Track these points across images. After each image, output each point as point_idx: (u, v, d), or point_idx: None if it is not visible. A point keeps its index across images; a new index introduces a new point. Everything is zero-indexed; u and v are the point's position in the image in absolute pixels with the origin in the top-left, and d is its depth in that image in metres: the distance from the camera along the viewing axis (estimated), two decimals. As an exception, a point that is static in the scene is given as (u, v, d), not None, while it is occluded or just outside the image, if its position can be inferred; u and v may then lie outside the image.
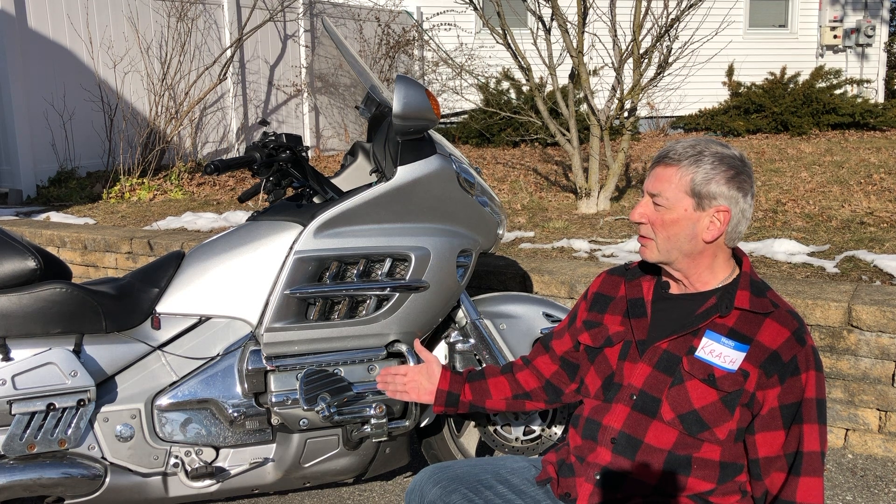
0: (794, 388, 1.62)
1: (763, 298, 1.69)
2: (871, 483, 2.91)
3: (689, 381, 1.66)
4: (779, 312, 1.67)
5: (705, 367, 1.65)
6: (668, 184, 1.69)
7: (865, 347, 3.09)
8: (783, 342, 1.63)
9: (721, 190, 1.67)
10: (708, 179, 1.66)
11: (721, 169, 1.67)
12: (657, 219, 1.71)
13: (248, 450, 2.49)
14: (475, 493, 1.78)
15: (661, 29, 5.49)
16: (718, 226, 1.68)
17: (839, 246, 4.24)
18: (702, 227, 1.68)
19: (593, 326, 1.87)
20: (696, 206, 1.68)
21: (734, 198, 1.67)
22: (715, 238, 1.69)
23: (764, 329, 1.65)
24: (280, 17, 9.77)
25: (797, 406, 1.62)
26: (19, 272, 2.27)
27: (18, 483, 2.23)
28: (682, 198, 1.68)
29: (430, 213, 2.59)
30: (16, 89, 7.19)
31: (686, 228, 1.69)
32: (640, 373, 1.72)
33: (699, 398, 1.64)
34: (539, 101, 6.01)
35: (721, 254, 1.73)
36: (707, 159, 1.67)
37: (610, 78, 7.08)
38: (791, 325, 1.65)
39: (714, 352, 1.66)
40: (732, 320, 1.68)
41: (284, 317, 2.45)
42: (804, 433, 1.61)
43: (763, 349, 1.63)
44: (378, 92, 2.80)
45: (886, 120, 10.85)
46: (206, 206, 6.56)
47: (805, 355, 1.63)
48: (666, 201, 1.69)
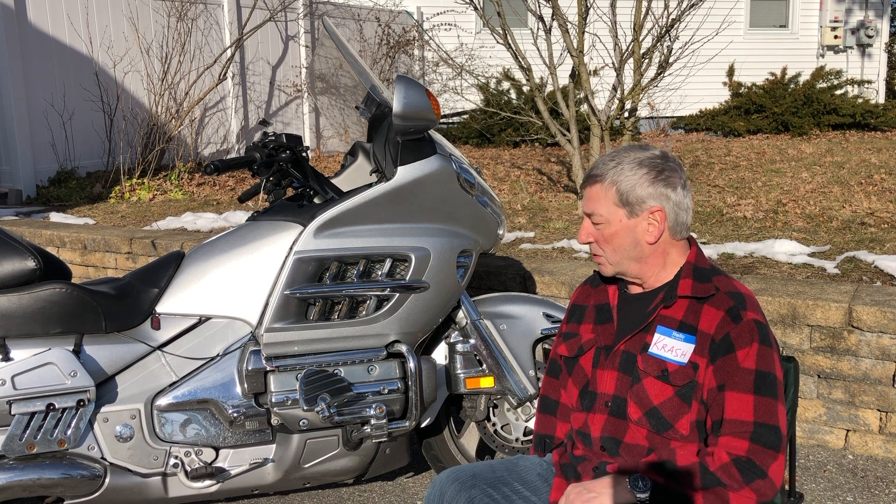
0: (727, 365, 1.63)
1: (706, 283, 1.72)
2: (872, 484, 2.91)
3: (645, 379, 1.70)
4: (718, 295, 1.69)
5: (659, 363, 1.69)
6: (598, 201, 1.76)
7: (866, 348, 3.08)
8: (718, 324, 1.66)
9: (647, 192, 1.72)
10: (632, 186, 1.72)
11: (642, 172, 1.72)
12: (599, 236, 1.78)
13: (247, 450, 2.49)
14: (494, 489, 1.81)
15: (662, 29, 5.49)
16: (657, 226, 1.73)
17: (840, 246, 4.23)
18: (641, 232, 1.74)
19: (570, 337, 1.91)
20: (629, 215, 1.74)
21: (663, 195, 1.72)
22: (657, 238, 1.74)
23: (703, 316, 1.69)
24: (281, 18, 9.77)
25: (726, 377, 1.63)
26: (19, 272, 2.27)
27: (18, 483, 2.22)
28: (615, 210, 1.74)
29: (430, 213, 2.58)
30: (16, 89, 7.19)
31: (627, 237, 1.75)
32: (609, 378, 1.77)
33: (656, 395, 1.68)
34: (539, 101, 6.01)
35: (672, 249, 1.77)
36: (626, 167, 1.73)
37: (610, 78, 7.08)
38: (726, 305, 1.67)
39: (666, 346, 1.70)
40: (681, 312, 1.72)
41: (284, 317, 2.45)
42: (726, 401, 1.61)
43: (705, 336, 1.67)
44: (378, 92, 2.79)
45: (887, 120, 10.84)
46: (206, 207, 6.56)
47: (740, 331, 1.64)
48: (601, 218, 1.76)
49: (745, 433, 1.58)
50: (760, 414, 1.59)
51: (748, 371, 1.61)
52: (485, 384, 2.69)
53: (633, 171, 1.73)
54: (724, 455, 1.58)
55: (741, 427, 1.59)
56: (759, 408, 1.59)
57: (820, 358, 3.18)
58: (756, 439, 1.57)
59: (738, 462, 1.57)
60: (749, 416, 1.59)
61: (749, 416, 1.59)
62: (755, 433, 1.58)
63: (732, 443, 1.59)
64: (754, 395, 1.60)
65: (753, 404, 1.59)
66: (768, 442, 1.57)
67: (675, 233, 1.76)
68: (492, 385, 2.69)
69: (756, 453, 1.57)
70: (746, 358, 1.62)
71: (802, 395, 3.23)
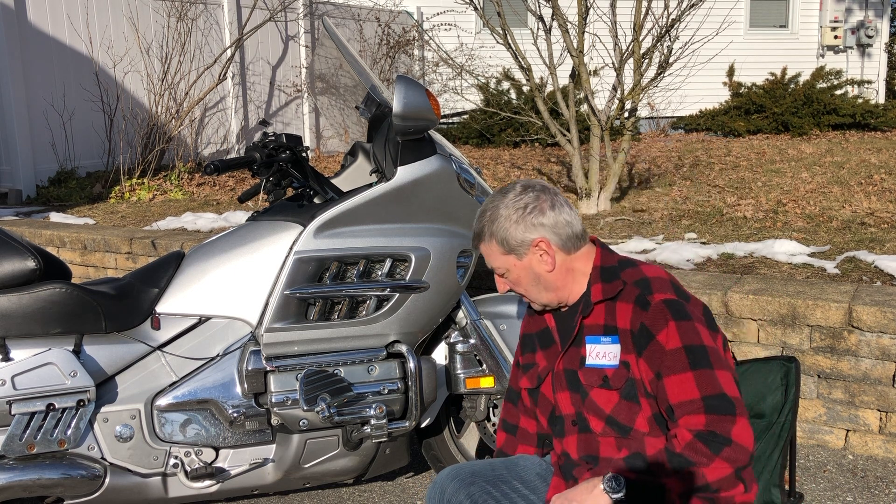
0: (654, 352, 1.65)
1: (614, 282, 1.75)
2: (872, 484, 2.91)
3: (591, 391, 1.73)
4: (626, 289, 1.73)
5: (598, 372, 1.73)
6: (490, 257, 1.85)
7: (866, 348, 3.08)
8: (630, 317, 1.70)
9: (520, 231, 1.78)
10: (505, 233, 1.79)
11: (508, 216, 1.78)
12: (509, 283, 1.86)
13: (247, 450, 2.49)
14: (493, 487, 1.83)
15: (662, 29, 5.49)
16: (548, 254, 1.79)
17: (840, 246, 4.23)
18: (538, 266, 1.80)
19: (529, 368, 1.94)
20: (518, 258, 1.81)
21: (535, 226, 1.78)
22: (554, 264, 1.79)
23: (618, 313, 1.73)
24: (281, 18, 9.77)
25: (659, 364, 1.65)
26: (19, 272, 2.27)
27: (18, 483, 2.22)
28: (506, 259, 1.82)
29: (430, 213, 2.58)
30: (16, 89, 7.19)
31: (529, 276, 1.81)
32: (565, 399, 1.81)
33: (606, 403, 1.71)
34: (539, 101, 6.01)
35: (576, 263, 1.82)
36: (495, 217, 1.80)
37: (610, 78, 7.08)
38: (632, 296, 1.71)
39: (599, 353, 1.74)
40: (601, 317, 1.75)
41: (284, 317, 2.44)
42: (667, 387, 1.63)
43: (625, 333, 1.70)
44: (378, 92, 2.79)
45: (887, 120, 10.84)
46: (206, 207, 6.56)
47: (653, 315, 1.66)
48: (501, 269, 1.84)
49: (698, 409, 1.59)
50: (704, 387, 1.60)
51: (676, 351, 1.63)
52: (485, 384, 2.69)
53: (502, 219, 1.79)
54: (686, 434, 1.58)
55: (692, 406, 1.60)
56: (700, 382, 1.61)
57: (820, 358, 3.18)
58: (710, 410, 1.58)
59: (700, 436, 1.57)
60: (695, 393, 1.60)
61: (695, 394, 1.60)
62: (707, 406, 1.59)
63: (690, 421, 1.59)
64: (691, 371, 1.62)
65: (694, 381, 1.61)
66: (722, 409, 1.58)
67: (569, 249, 1.80)
68: (492, 385, 2.69)
69: (714, 423, 1.57)
70: (668, 339, 1.64)
71: (802, 395, 3.23)
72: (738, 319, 3.31)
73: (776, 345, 3.25)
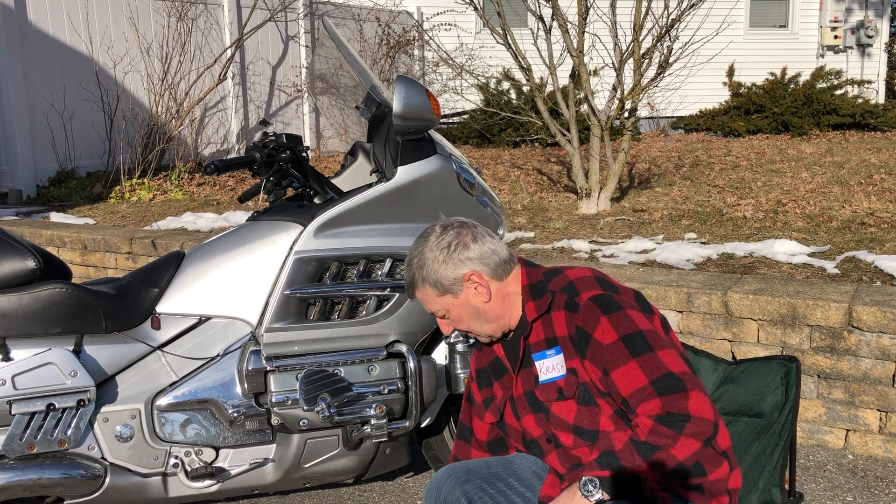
0: (595, 351, 1.68)
1: (544, 296, 1.79)
2: (872, 483, 2.91)
3: (552, 406, 1.76)
4: (556, 298, 1.76)
5: (552, 386, 1.76)
6: (427, 301, 1.87)
7: (866, 348, 3.08)
8: (565, 322, 1.73)
9: (449, 269, 1.81)
10: (436, 275, 1.81)
11: (437, 261, 1.81)
12: (453, 323, 1.88)
13: (248, 450, 2.49)
14: (488, 484, 1.84)
15: (662, 29, 5.49)
16: (481, 284, 1.81)
17: (840, 246, 4.23)
18: (474, 299, 1.83)
19: (490, 403, 1.96)
20: (454, 296, 1.83)
21: (462, 262, 1.80)
22: (490, 294, 1.82)
23: (555, 323, 1.76)
24: (281, 18, 9.77)
25: (602, 360, 1.67)
26: (19, 272, 2.27)
27: (18, 483, 2.22)
28: (443, 300, 1.85)
29: (430, 213, 2.58)
30: (16, 89, 7.19)
31: (469, 311, 1.84)
32: (530, 421, 1.83)
33: (567, 413, 1.74)
34: (539, 101, 6.01)
35: (509, 288, 1.84)
36: (423, 262, 1.82)
37: (610, 78, 7.08)
38: (562, 302, 1.74)
39: (548, 367, 1.77)
40: (541, 332, 1.79)
41: (284, 317, 2.45)
42: (616, 381, 1.65)
43: (565, 340, 1.73)
44: (378, 92, 2.79)
45: (887, 120, 10.85)
46: (206, 207, 6.56)
47: (584, 315, 1.69)
48: (441, 311, 1.87)
49: (651, 394, 1.60)
50: (650, 371, 1.62)
51: (614, 343, 1.65)
52: (485, 384, 2.69)
53: (429, 263, 1.81)
54: (647, 420, 1.59)
55: (643, 393, 1.61)
56: (644, 367, 1.62)
57: (820, 358, 3.18)
58: (662, 392, 1.59)
59: (659, 419, 1.57)
60: (643, 379, 1.61)
61: (643, 380, 1.61)
62: (658, 388, 1.60)
63: (646, 407, 1.60)
64: (633, 359, 1.63)
65: (639, 367, 1.62)
66: (673, 388, 1.59)
67: (500, 275, 1.83)
68: None
69: (669, 403, 1.58)
70: (604, 334, 1.67)
71: (802, 395, 3.23)
72: (738, 319, 3.31)
73: (776, 345, 3.25)
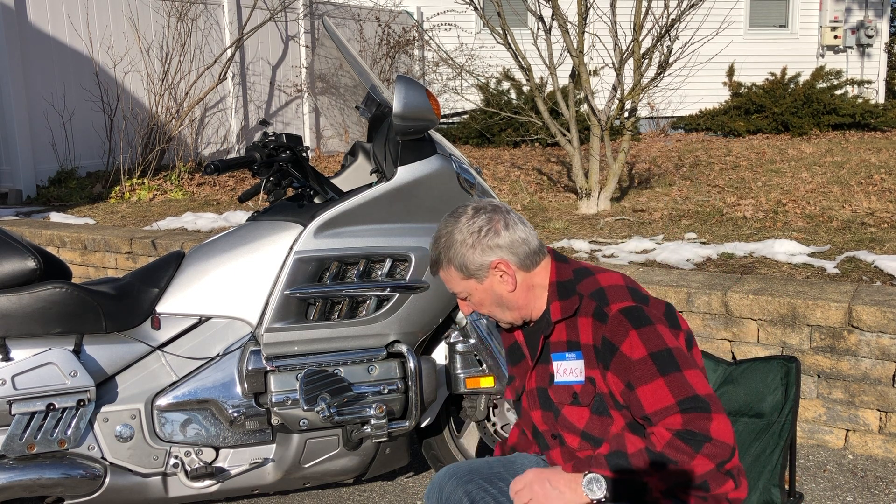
0: (621, 364, 1.64)
1: (571, 298, 1.74)
2: (872, 483, 2.91)
3: (564, 409, 1.73)
4: (584, 304, 1.71)
5: (567, 389, 1.72)
6: (451, 282, 1.83)
7: (866, 348, 3.08)
8: (592, 331, 1.68)
9: (476, 257, 1.76)
10: (463, 259, 1.76)
11: (466, 244, 1.76)
12: (473, 306, 1.85)
13: (248, 450, 2.49)
14: (490, 484, 1.83)
15: (662, 29, 5.49)
16: (508, 274, 1.77)
17: (840, 246, 4.23)
18: (499, 287, 1.78)
19: (511, 381, 1.95)
20: (478, 281, 1.78)
21: (491, 248, 1.76)
22: (515, 283, 1.77)
23: (580, 329, 1.71)
24: (281, 18, 9.77)
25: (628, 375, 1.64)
26: (19, 272, 2.27)
27: (18, 483, 2.22)
28: (467, 284, 1.80)
29: (430, 213, 2.58)
30: (16, 89, 7.19)
31: (491, 298, 1.80)
32: (538, 416, 1.81)
33: (578, 419, 1.71)
34: (539, 101, 6.01)
35: (535, 279, 1.80)
36: (450, 244, 1.77)
37: (610, 78, 7.08)
38: (590, 310, 1.69)
39: (566, 370, 1.73)
40: (563, 333, 1.74)
41: (284, 317, 2.45)
42: (640, 397, 1.61)
43: (588, 348, 1.69)
44: (378, 92, 2.79)
45: (887, 120, 10.84)
46: (206, 207, 6.56)
47: (612, 327, 1.65)
48: (463, 293, 1.83)
49: (675, 412, 1.58)
50: (677, 392, 1.59)
51: (642, 360, 1.62)
52: (485, 384, 2.69)
53: (457, 246, 1.76)
54: (665, 433, 1.57)
55: (668, 411, 1.59)
56: (672, 387, 1.59)
57: (820, 358, 3.18)
58: (686, 411, 1.57)
59: (679, 435, 1.56)
60: (669, 399, 1.59)
61: (669, 400, 1.59)
62: (682, 408, 1.57)
63: (669, 422, 1.58)
64: (661, 377, 1.60)
65: (667, 387, 1.59)
66: (698, 408, 1.57)
67: (528, 266, 1.79)
68: (492, 385, 2.68)
69: (692, 422, 1.56)
70: (633, 349, 1.63)
71: (802, 395, 3.23)
72: (738, 319, 3.31)
73: (776, 345, 3.25)
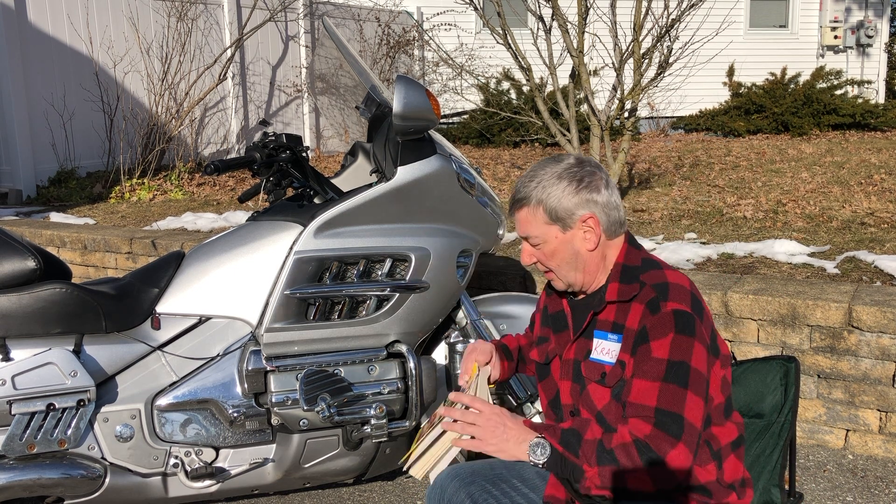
0: (642, 355, 1.63)
1: (632, 284, 1.71)
2: (872, 484, 2.91)
3: (589, 385, 1.71)
4: (643, 291, 1.69)
5: (598, 368, 1.70)
6: (530, 224, 1.76)
7: (866, 348, 3.08)
8: (639, 318, 1.66)
9: (574, 202, 1.72)
10: (558, 201, 1.72)
11: (563, 185, 1.72)
12: (541, 255, 1.78)
13: (248, 450, 2.49)
14: (492, 486, 1.83)
15: (662, 29, 5.49)
16: (593, 232, 1.74)
17: (840, 246, 4.23)
18: (580, 242, 1.75)
19: (543, 342, 1.92)
20: (563, 229, 1.74)
21: (590, 201, 1.73)
22: (596, 243, 1.74)
23: (631, 313, 1.69)
24: (281, 18, 9.77)
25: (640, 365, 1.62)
26: (19, 272, 2.27)
27: (18, 483, 2.22)
28: (548, 228, 1.75)
29: (430, 213, 2.58)
30: (16, 89, 7.19)
31: (568, 251, 1.75)
32: (566, 388, 1.79)
33: (599, 399, 1.69)
34: (539, 101, 6.01)
35: (609, 250, 1.78)
36: (547, 184, 1.73)
37: (610, 78, 7.08)
38: (647, 298, 1.67)
39: (603, 349, 1.71)
40: (612, 314, 1.72)
41: (284, 317, 2.45)
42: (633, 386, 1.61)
43: (630, 332, 1.67)
44: (378, 92, 2.80)
45: (887, 120, 10.84)
46: (206, 207, 6.56)
47: (657, 321, 1.63)
48: (538, 238, 1.76)
49: (649, 417, 1.57)
50: (664, 401, 1.57)
51: (659, 361, 1.60)
52: (485, 384, 2.69)
53: (555, 186, 1.73)
54: (627, 435, 1.56)
55: (643, 411, 1.58)
56: (663, 394, 1.57)
57: (820, 358, 3.18)
58: (658, 425, 1.55)
59: (637, 443, 1.55)
60: (652, 401, 1.57)
61: (651, 402, 1.57)
62: (657, 420, 1.56)
63: (637, 425, 1.57)
64: (661, 382, 1.58)
65: (658, 391, 1.58)
66: (670, 430, 1.55)
67: (611, 233, 1.76)
68: (492, 385, 2.68)
69: (655, 438, 1.54)
70: (659, 348, 1.61)
71: (802, 395, 3.23)
72: (738, 319, 3.31)
73: (776, 345, 3.25)
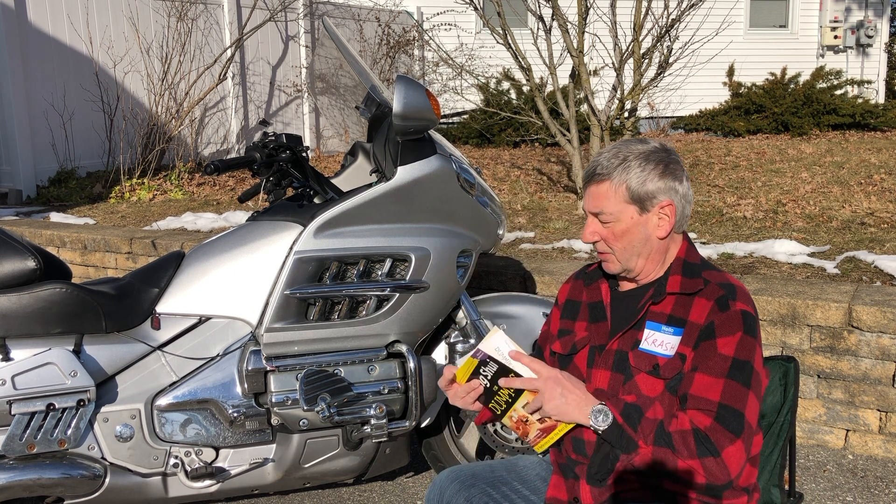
0: (706, 350, 1.62)
1: (695, 279, 1.71)
2: (872, 484, 2.91)
3: (637, 376, 1.69)
4: (708, 287, 1.69)
5: (650, 359, 1.68)
6: (607, 199, 1.72)
7: (866, 348, 3.08)
8: (707, 313, 1.65)
9: (658, 186, 1.71)
10: (642, 182, 1.71)
11: (650, 167, 1.71)
12: (608, 234, 1.75)
13: (247, 450, 2.49)
14: (493, 488, 1.81)
15: (662, 29, 5.49)
16: (668, 220, 1.73)
17: (839, 246, 4.23)
18: (653, 227, 1.73)
19: (565, 334, 1.89)
20: (640, 211, 1.72)
21: (672, 188, 1.72)
22: (668, 232, 1.73)
23: (694, 308, 1.68)
24: (281, 18, 9.77)
25: (704, 360, 1.62)
26: (19, 272, 2.27)
27: (18, 483, 2.22)
28: (625, 207, 1.72)
29: (430, 213, 2.58)
30: (16, 89, 7.19)
31: (639, 234, 1.73)
32: (602, 378, 1.75)
33: (649, 390, 1.67)
34: (539, 101, 6.01)
35: (672, 244, 1.77)
36: (634, 163, 1.71)
37: (610, 78, 7.08)
38: (716, 295, 1.67)
39: (656, 341, 1.69)
40: (669, 307, 1.71)
41: (284, 317, 2.45)
42: (695, 380, 1.61)
43: (693, 327, 1.66)
44: (378, 92, 2.80)
45: (887, 120, 10.84)
46: (206, 207, 6.56)
47: (726, 319, 1.63)
48: (611, 216, 1.73)
49: (710, 411, 1.57)
50: (727, 396, 1.58)
51: (724, 357, 1.61)
52: (485, 384, 2.69)
53: (642, 167, 1.71)
54: (686, 423, 1.57)
55: (706, 405, 1.58)
56: (727, 390, 1.58)
57: (820, 358, 3.18)
58: (719, 419, 1.56)
59: (696, 433, 1.56)
60: (715, 396, 1.58)
61: (715, 397, 1.58)
62: (719, 414, 1.57)
63: (697, 417, 1.58)
64: (726, 378, 1.59)
65: (722, 386, 1.59)
66: (730, 425, 1.56)
67: (679, 226, 1.76)
68: None
69: (716, 431, 1.56)
70: (726, 345, 1.62)
71: (802, 395, 3.23)
72: (738, 319, 3.31)
73: (776, 345, 3.26)
